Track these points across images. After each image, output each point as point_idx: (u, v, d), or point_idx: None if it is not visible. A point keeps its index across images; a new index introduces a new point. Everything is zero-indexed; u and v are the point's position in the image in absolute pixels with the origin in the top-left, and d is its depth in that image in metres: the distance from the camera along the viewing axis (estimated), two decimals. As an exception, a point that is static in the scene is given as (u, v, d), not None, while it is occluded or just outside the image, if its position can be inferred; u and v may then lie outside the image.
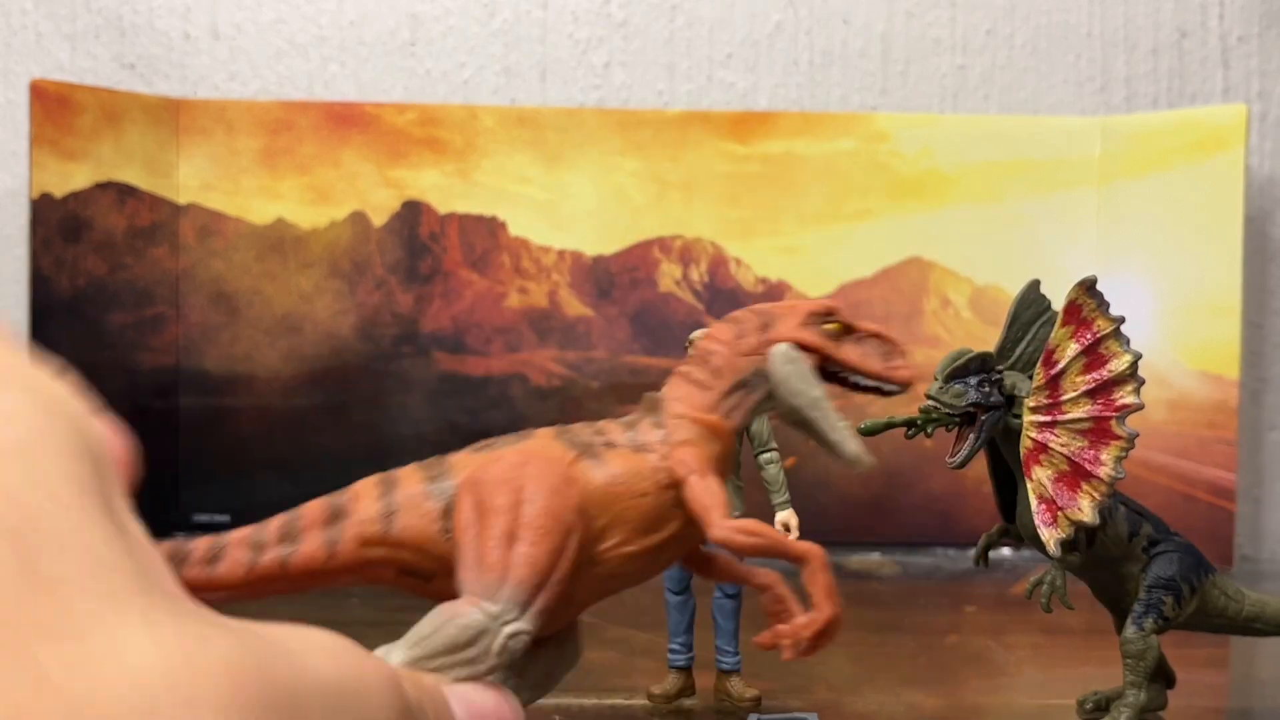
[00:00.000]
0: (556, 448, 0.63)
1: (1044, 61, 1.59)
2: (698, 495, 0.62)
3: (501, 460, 0.62)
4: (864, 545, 1.49)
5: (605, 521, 0.62)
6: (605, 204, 1.53)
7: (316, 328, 1.51)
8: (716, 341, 0.68)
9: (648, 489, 0.63)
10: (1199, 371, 1.43)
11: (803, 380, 0.66)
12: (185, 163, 1.50)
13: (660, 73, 1.58)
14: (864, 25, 1.58)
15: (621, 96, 1.57)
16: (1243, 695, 1.04)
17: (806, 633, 0.62)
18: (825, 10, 1.58)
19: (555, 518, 0.60)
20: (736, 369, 0.67)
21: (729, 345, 0.67)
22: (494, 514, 0.60)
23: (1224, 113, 1.43)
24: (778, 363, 0.66)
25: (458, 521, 0.61)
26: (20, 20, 1.55)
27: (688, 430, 0.65)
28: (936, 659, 1.06)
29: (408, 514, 0.62)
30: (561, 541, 0.60)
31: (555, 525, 0.60)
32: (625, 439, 0.65)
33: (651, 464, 0.64)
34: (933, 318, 1.54)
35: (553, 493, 0.61)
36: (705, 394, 0.66)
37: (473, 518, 0.60)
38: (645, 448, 0.64)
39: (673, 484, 0.63)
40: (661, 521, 0.63)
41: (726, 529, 0.61)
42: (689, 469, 0.63)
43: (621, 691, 0.91)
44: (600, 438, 0.65)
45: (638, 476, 0.63)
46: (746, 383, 0.67)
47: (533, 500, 0.60)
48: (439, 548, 0.62)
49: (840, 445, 0.65)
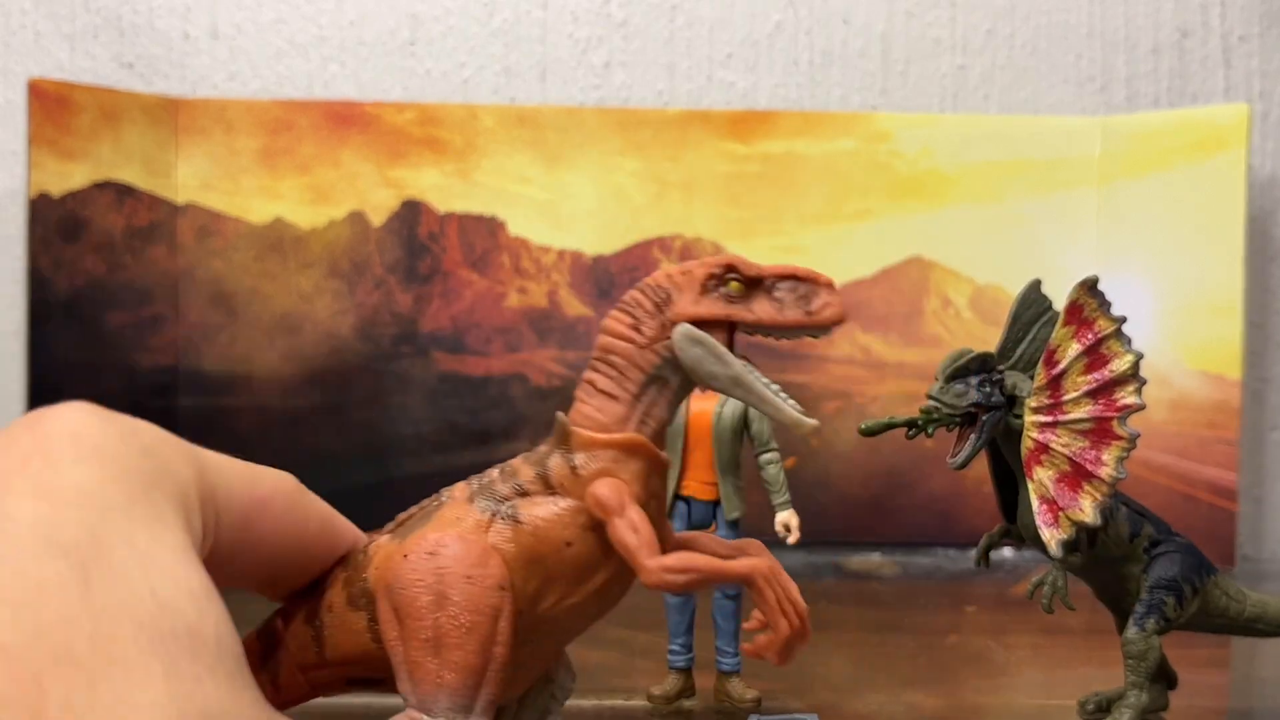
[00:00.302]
0: (470, 515, 0.59)
1: (1044, 61, 1.58)
2: (621, 538, 0.57)
3: (413, 553, 0.58)
4: (864, 545, 1.49)
5: (537, 584, 0.58)
6: (605, 204, 1.52)
7: (316, 328, 1.51)
8: (612, 335, 0.61)
9: (571, 537, 0.59)
10: (1200, 371, 1.43)
11: (714, 360, 0.60)
12: (184, 162, 1.50)
13: (660, 72, 1.58)
14: (864, 25, 1.58)
15: (621, 96, 1.57)
16: (1244, 695, 1.04)
17: (768, 654, 0.59)
18: (825, 10, 1.58)
19: (475, 610, 0.56)
20: (641, 364, 0.61)
21: (627, 338, 0.61)
22: (413, 619, 0.56)
23: (1225, 112, 1.42)
24: (683, 348, 0.60)
25: (382, 630, 0.58)
26: (19, 20, 1.55)
27: (600, 458, 0.60)
28: (937, 659, 1.06)
29: (336, 633, 0.60)
30: (489, 630, 0.56)
31: (477, 618, 0.56)
32: (539, 484, 0.60)
33: (570, 508, 0.59)
34: (933, 318, 1.53)
35: (468, 581, 0.56)
36: (613, 404, 0.60)
37: (393, 624, 0.57)
38: (560, 489, 0.59)
39: (598, 523, 0.59)
40: (596, 564, 0.59)
41: (656, 573, 0.57)
42: (607, 509, 0.58)
43: (621, 692, 0.91)
44: (514, 485, 0.60)
45: (558, 526, 0.59)
46: (657, 376, 0.61)
47: (449, 598, 0.56)
48: (376, 655, 0.59)
49: (776, 415, 0.60)
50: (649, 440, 0.61)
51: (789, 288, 0.61)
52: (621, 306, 0.62)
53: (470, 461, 1.52)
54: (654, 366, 0.60)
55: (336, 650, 0.61)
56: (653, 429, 0.61)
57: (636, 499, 0.59)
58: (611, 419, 0.60)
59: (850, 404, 1.52)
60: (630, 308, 0.61)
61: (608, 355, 0.61)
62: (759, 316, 0.60)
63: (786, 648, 0.59)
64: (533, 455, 0.62)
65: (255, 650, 0.63)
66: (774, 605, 0.58)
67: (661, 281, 0.61)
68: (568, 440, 0.60)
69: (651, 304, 0.61)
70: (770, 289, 0.61)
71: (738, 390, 0.60)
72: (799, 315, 0.61)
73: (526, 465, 0.61)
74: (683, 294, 0.60)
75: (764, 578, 0.59)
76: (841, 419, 1.51)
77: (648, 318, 0.61)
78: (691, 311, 0.60)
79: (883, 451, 1.51)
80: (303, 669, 0.62)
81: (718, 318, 0.60)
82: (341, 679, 0.63)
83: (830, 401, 1.51)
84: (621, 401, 0.60)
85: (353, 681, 0.63)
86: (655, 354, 0.60)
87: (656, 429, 0.61)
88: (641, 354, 0.60)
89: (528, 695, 0.64)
